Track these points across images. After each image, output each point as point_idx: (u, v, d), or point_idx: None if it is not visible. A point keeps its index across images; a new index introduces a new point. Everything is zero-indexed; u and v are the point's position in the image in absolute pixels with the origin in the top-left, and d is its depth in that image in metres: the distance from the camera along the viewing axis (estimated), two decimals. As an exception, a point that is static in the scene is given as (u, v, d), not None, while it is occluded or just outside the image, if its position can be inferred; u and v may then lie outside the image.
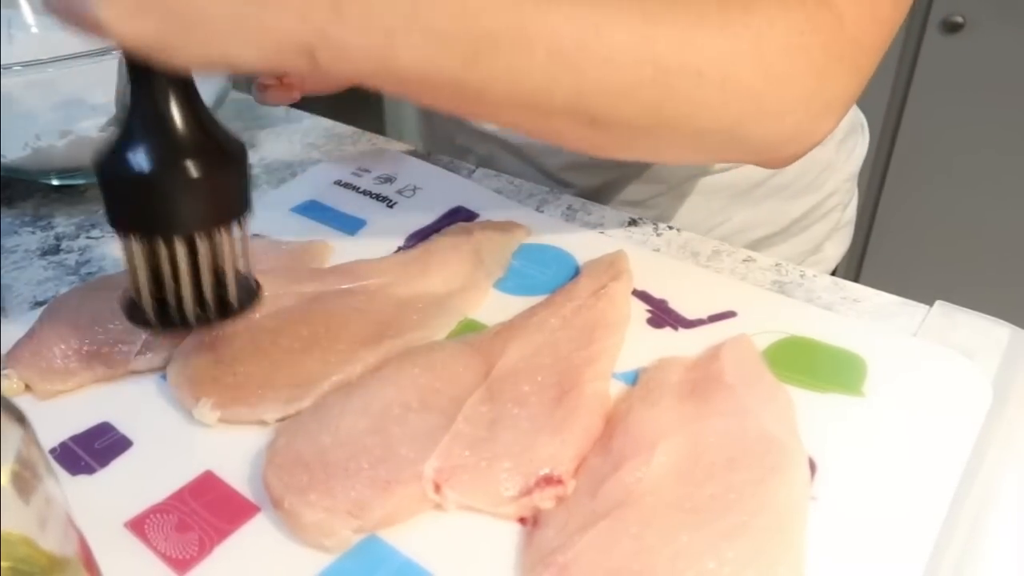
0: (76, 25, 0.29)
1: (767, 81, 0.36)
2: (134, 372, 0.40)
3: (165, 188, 0.33)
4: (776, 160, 0.41)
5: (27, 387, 0.39)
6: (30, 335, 0.41)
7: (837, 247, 0.69)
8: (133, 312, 0.37)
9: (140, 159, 0.33)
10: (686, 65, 0.35)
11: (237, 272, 0.37)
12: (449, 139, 0.68)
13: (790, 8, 0.36)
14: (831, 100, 0.39)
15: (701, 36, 0.35)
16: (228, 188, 0.35)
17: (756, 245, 0.63)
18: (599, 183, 0.61)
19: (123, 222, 0.34)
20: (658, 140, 0.39)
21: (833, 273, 0.69)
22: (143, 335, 0.41)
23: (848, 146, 0.66)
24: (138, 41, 0.29)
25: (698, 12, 0.35)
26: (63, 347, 0.40)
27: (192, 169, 0.33)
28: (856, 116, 0.68)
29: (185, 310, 0.36)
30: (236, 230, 0.36)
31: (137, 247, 0.34)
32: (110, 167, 0.34)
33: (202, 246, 0.35)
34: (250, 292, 0.38)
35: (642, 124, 0.37)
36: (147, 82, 0.32)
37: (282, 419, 0.37)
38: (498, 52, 0.33)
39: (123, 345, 0.41)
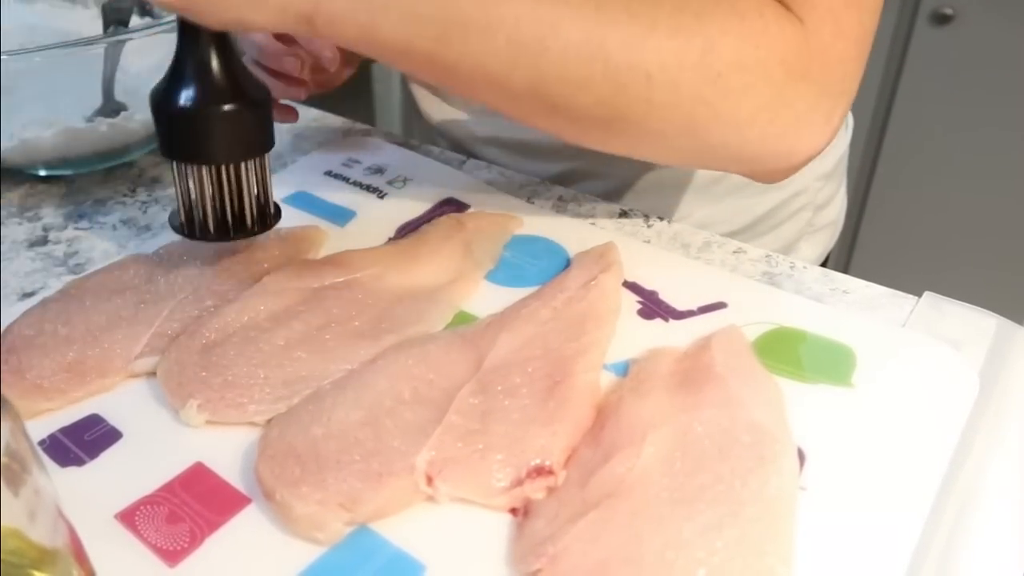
0: None
1: (717, 90, 0.38)
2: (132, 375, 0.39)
3: (209, 126, 0.41)
4: (765, 174, 0.42)
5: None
6: (9, 351, 0.39)
7: (814, 248, 0.67)
8: (178, 226, 0.44)
9: (188, 100, 0.40)
10: (635, 66, 0.37)
11: (261, 196, 0.44)
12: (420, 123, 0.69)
13: (746, 19, 0.37)
14: (801, 116, 0.39)
15: (651, 40, 0.37)
16: (260, 126, 0.42)
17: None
18: (548, 177, 0.60)
19: (176, 152, 0.42)
20: (621, 134, 0.41)
21: (823, 265, 0.69)
22: (144, 338, 0.40)
23: None
24: (172, 5, 0.36)
25: (652, 17, 0.37)
26: (50, 364, 0.38)
27: (229, 109, 0.40)
28: None
29: (214, 221, 0.44)
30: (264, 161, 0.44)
31: (190, 172, 0.42)
32: (163, 105, 0.41)
33: (232, 172, 0.42)
34: (273, 215, 0.46)
35: (599, 115, 0.39)
36: (191, 32, 0.39)
37: (272, 419, 0.36)
38: (466, 35, 0.37)
39: (120, 349, 0.39)
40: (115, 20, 0.59)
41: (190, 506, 0.33)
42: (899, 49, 1.27)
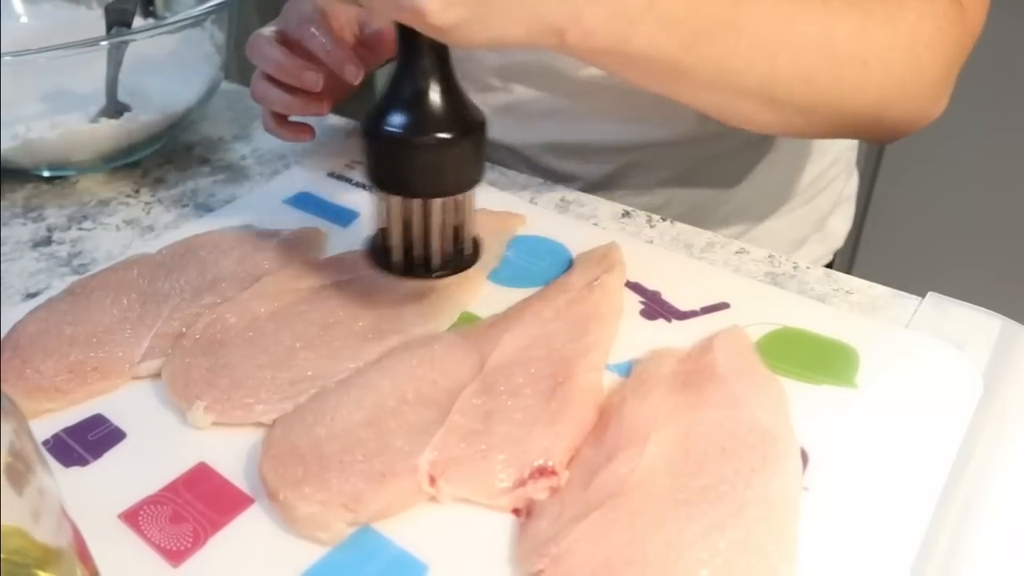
0: (395, 15, 0.34)
1: (913, 70, 0.42)
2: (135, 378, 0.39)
3: (427, 156, 0.39)
4: (896, 137, 0.46)
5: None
6: (13, 350, 0.39)
7: (842, 222, 0.69)
8: (380, 259, 0.43)
9: (405, 128, 0.38)
10: (856, 55, 0.40)
11: (469, 228, 0.42)
12: None
13: (933, 3, 0.41)
14: (949, 84, 0.44)
15: (870, 28, 0.40)
16: (475, 156, 0.41)
17: (762, 218, 0.62)
18: (603, 174, 0.60)
19: (388, 183, 0.40)
20: (814, 121, 0.44)
21: (836, 256, 0.70)
22: (146, 341, 0.40)
23: None
24: (446, 25, 0.34)
25: (865, 6, 0.40)
26: (53, 364, 0.38)
27: (449, 139, 0.39)
28: None
29: (431, 259, 0.42)
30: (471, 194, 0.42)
31: (395, 204, 0.40)
32: (377, 133, 0.39)
33: (448, 206, 0.41)
34: (476, 248, 0.44)
35: (811, 105, 0.42)
36: (415, 61, 0.38)
37: (275, 419, 0.36)
38: (712, 38, 0.38)
39: (123, 352, 0.39)
40: (118, 21, 0.59)
41: (193, 506, 0.33)
42: (902, 49, 1.27)
